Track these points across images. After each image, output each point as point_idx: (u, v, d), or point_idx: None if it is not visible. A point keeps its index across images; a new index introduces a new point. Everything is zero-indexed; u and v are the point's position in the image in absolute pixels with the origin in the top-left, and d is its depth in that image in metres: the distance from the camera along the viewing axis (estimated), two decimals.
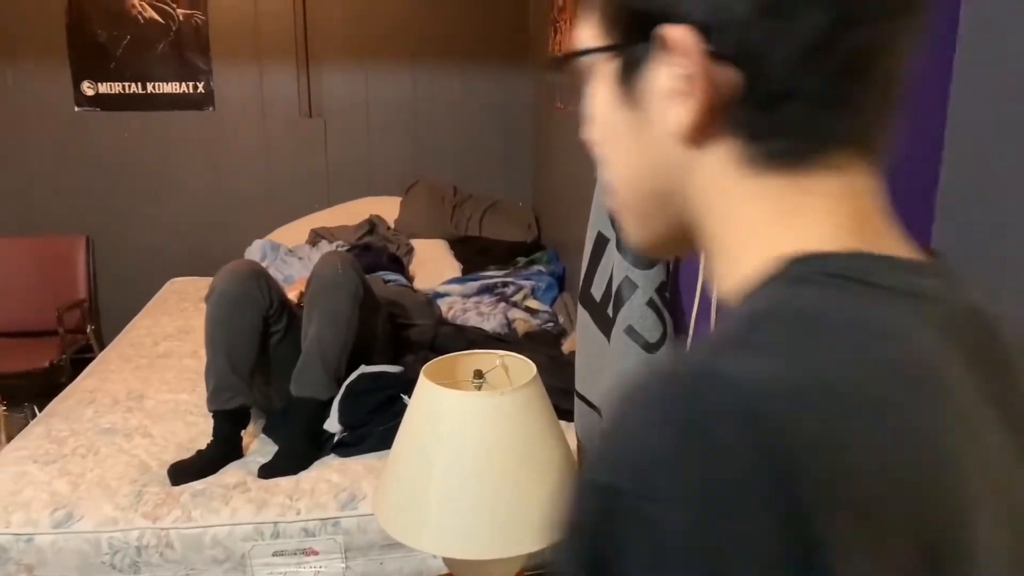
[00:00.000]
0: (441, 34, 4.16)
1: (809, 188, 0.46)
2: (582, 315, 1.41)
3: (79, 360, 3.56)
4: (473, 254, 3.79)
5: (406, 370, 2.40)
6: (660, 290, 1.26)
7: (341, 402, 2.24)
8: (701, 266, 1.30)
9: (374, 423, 2.22)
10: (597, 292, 1.36)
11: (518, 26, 4.19)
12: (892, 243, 0.47)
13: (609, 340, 1.32)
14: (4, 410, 2.93)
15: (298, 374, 2.19)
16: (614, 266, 1.30)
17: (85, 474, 2.08)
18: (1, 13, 3.86)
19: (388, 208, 4.13)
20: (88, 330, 3.91)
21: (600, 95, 0.52)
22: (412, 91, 4.24)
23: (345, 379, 2.24)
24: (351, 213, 4.05)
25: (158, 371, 2.74)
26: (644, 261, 1.25)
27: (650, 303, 1.24)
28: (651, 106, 0.48)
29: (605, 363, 1.33)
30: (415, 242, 3.88)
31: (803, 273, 0.44)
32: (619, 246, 1.28)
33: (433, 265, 3.61)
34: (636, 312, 1.25)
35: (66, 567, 1.92)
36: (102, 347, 3.37)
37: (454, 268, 3.68)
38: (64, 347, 3.66)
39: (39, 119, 3.99)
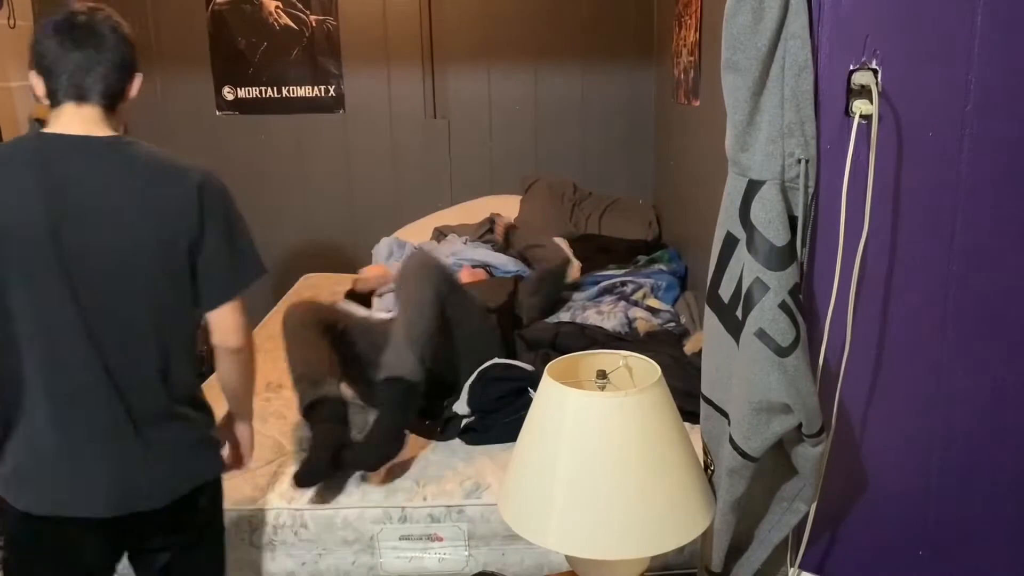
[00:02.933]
0: (563, 32, 4.17)
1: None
2: (709, 317, 1.39)
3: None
4: (592, 252, 3.77)
5: (536, 368, 2.42)
6: (793, 292, 1.22)
7: (471, 386, 2.31)
8: (838, 265, 1.26)
9: (501, 412, 2.26)
10: (725, 294, 1.33)
11: (642, 22, 4.15)
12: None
13: (738, 343, 1.29)
14: None
15: (385, 358, 2.21)
16: (744, 267, 1.27)
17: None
18: (151, 25, 4.11)
19: (508, 206, 4.16)
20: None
21: None
22: (533, 90, 4.26)
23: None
24: (473, 211, 4.11)
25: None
26: (777, 262, 1.22)
27: (782, 306, 1.21)
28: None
29: (734, 367, 1.30)
30: None
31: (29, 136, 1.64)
32: (750, 246, 1.25)
33: None
34: (767, 315, 1.21)
35: None
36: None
37: (573, 267, 3.68)
38: (206, 338, 3.86)
39: (184, 124, 4.24)
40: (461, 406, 2.31)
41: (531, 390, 2.29)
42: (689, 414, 1.45)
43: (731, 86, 1.26)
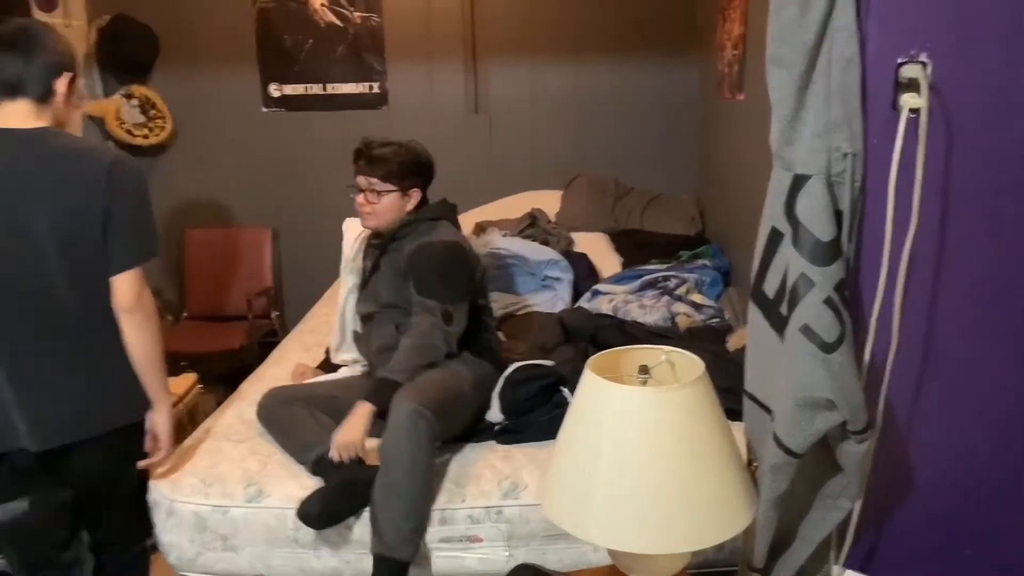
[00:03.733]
0: (605, 27, 4.16)
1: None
2: (754, 313, 1.38)
3: (265, 343, 3.83)
4: (634, 247, 3.76)
5: (557, 364, 2.43)
6: (839, 288, 1.21)
7: (501, 393, 2.31)
8: (884, 261, 1.24)
9: (535, 412, 2.26)
10: (770, 289, 1.32)
11: (685, 16, 4.12)
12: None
13: (782, 339, 1.28)
14: (200, 388, 3.20)
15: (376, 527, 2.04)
16: (789, 262, 1.26)
17: (273, 455, 2.23)
18: (199, 24, 4.19)
19: (549, 202, 4.17)
20: (273, 316, 4.20)
21: None
22: (575, 85, 4.26)
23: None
24: (513, 207, 4.13)
25: None
26: (822, 257, 1.21)
27: (828, 301, 1.20)
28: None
29: (778, 363, 1.30)
30: (576, 235, 3.90)
31: None
32: (795, 242, 1.24)
33: (593, 258, 3.62)
34: (812, 310, 1.20)
35: (256, 538, 2.08)
36: (286, 332, 3.60)
37: (615, 261, 3.68)
38: (252, 331, 3.95)
39: (232, 120, 4.32)
40: (494, 414, 2.32)
41: (563, 389, 2.30)
42: (730, 411, 1.44)
43: (776, 80, 1.26)
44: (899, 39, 1.20)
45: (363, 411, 2.09)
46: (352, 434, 2.06)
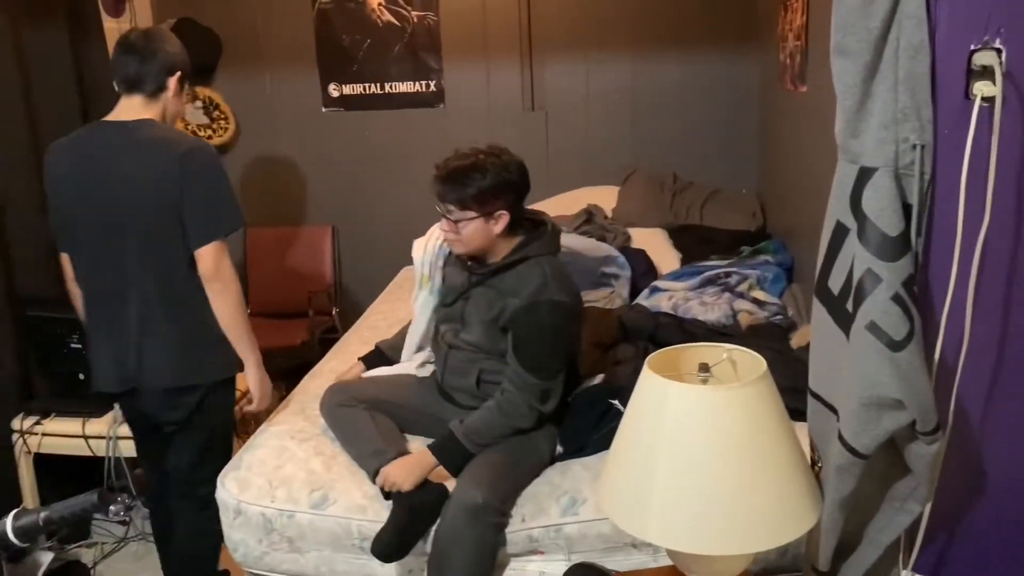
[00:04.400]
0: (662, 19, 4.11)
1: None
2: (818, 310, 1.35)
3: (325, 340, 3.88)
4: (693, 243, 3.71)
5: (608, 377, 2.40)
6: (907, 284, 1.17)
7: (563, 429, 2.24)
8: (955, 256, 1.20)
9: (591, 432, 2.23)
10: (835, 285, 1.29)
11: (744, 6, 4.04)
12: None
13: (848, 337, 1.24)
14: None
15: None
16: (855, 258, 1.22)
17: (337, 456, 2.25)
18: (261, 26, 4.26)
19: (606, 197, 4.14)
20: (333, 312, 4.26)
21: None
22: (632, 79, 4.22)
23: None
24: (569, 203, 4.10)
25: None
26: (890, 252, 1.17)
27: (895, 298, 1.16)
28: None
29: (843, 361, 1.26)
30: (633, 231, 3.86)
31: None
32: (861, 236, 1.20)
33: (651, 254, 3.58)
34: (879, 307, 1.17)
35: (321, 543, 2.10)
36: (345, 328, 3.64)
37: (673, 257, 3.63)
38: (313, 328, 4.01)
39: (292, 120, 4.39)
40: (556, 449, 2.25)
41: (615, 403, 2.22)
42: (794, 411, 1.41)
43: (841, 70, 1.22)
44: (971, 25, 1.15)
45: (424, 462, 2.04)
46: (404, 479, 2.01)
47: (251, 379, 2.36)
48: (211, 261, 2.17)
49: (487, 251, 2.15)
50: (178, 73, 2.24)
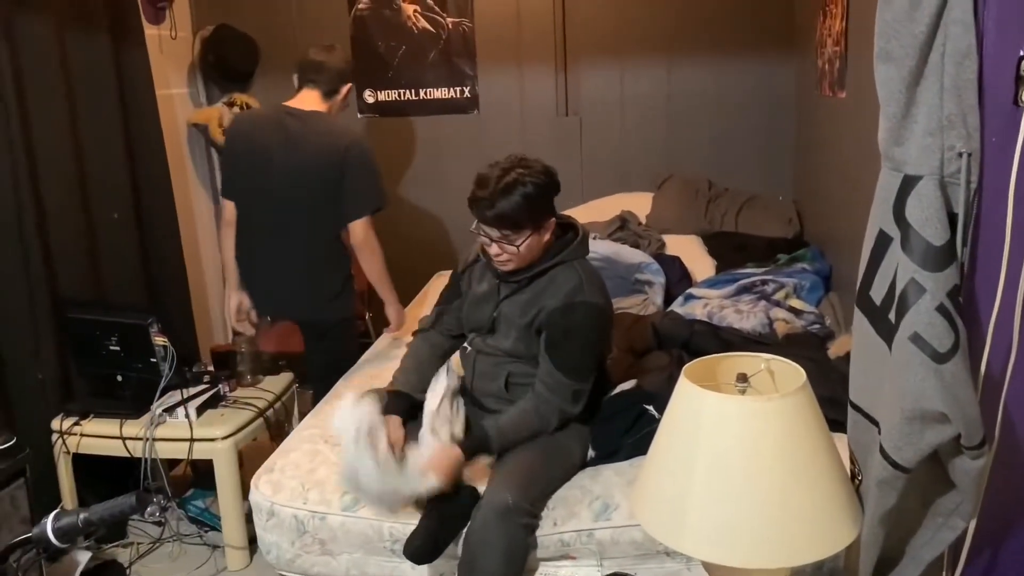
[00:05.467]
0: (698, 25, 4.08)
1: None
2: (859, 320, 1.32)
3: (358, 344, 3.89)
4: (728, 250, 3.68)
5: (641, 383, 2.38)
6: (952, 294, 1.14)
7: (595, 433, 2.23)
8: (1003, 266, 1.17)
9: (622, 436, 2.21)
10: (877, 295, 1.27)
11: (782, 11, 4.00)
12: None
13: (891, 348, 1.22)
14: (297, 387, 3.28)
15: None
16: (898, 267, 1.20)
17: None
18: (298, 32, 4.30)
19: (640, 203, 4.12)
20: (366, 317, 4.27)
21: None
22: (667, 85, 4.19)
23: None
24: (603, 209, 4.09)
25: None
26: (934, 262, 1.15)
27: (940, 309, 1.14)
28: None
29: (885, 373, 1.24)
30: (667, 238, 3.84)
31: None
32: (905, 246, 1.18)
33: (686, 261, 3.56)
34: (923, 318, 1.14)
35: (352, 546, 2.11)
36: (378, 333, 3.66)
37: (708, 264, 3.60)
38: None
39: None
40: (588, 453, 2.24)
41: (649, 408, 2.22)
42: (833, 422, 1.38)
43: (884, 77, 1.20)
44: (1020, 29, 1.13)
45: (452, 457, 2.03)
46: (441, 474, 1.99)
47: (391, 313, 3.12)
48: (361, 232, 2.81)
49: (530, 260, 2.15)
50: (349, 84, 2.92)
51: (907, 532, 1.34)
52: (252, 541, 2.84)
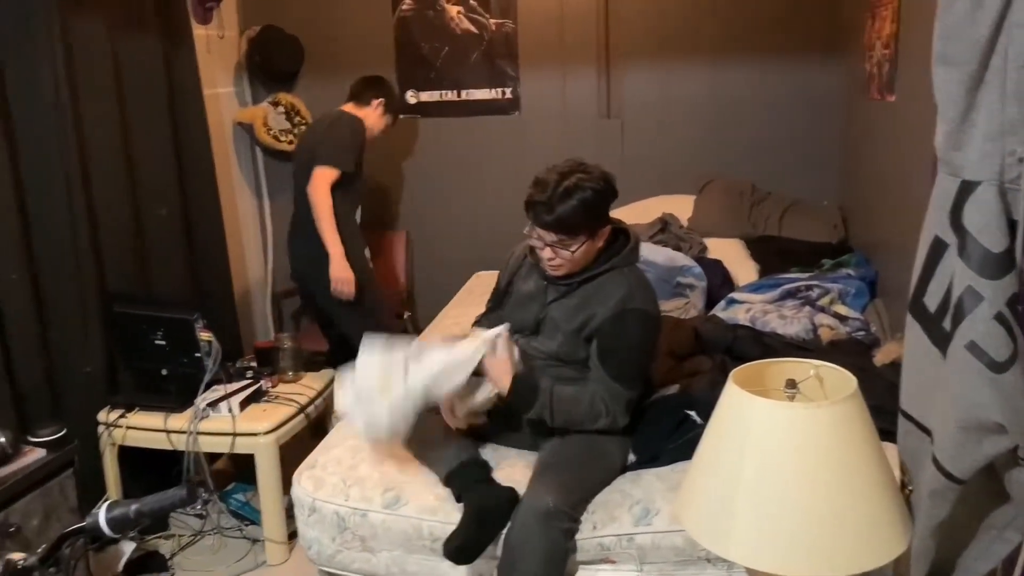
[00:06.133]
0: (743, 27, 4.04)
1: None
2: (911, 327, 1.30)
3: None
4: (772, 255, 3.64)
5: (683, 388, 2.36)
6: (1011, 303, 1.11)
7: (636, 438, 2.22)
8: None
9: (664, 442, 2.20)
10: (931, 303, 1.24)
11: (829, 14, 3.95)
12: None
13: (945, 356, 1.20)
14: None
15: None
16: (954, 274, 1.17)
17: (410, 458, 2.26)
18: (342, 33, 4.34)
19: (682, 206, 4.09)
20: (405, 316, 4.30)
21: None
22: (711, 87, 4.16)
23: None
24: (644, 211, 4.07)
25: None
26: (992, 270, 1.12)
27: (998, 317, 1.11)
28: None
29: (939, 382, 1.21)
30: (709, 241, 3.81)
31: None
32: (961, 252, 1.15)
33: (728, 265, 3.52)
34: (980, 326, 1.12)
35: (393, 543, 2.12)
36: (417, 332, 3.68)
37: (751, 269, 3.56)
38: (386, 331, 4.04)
39: None
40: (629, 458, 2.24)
41: (691, 414, 2.20)
42: (879, 430, 1.36)
43: (943, 80, 1.18)
44: None
45: (504, 380, 2.06)
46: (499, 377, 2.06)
47: (331, 268, 3.27)
48: (314, 180, 3.22)
49: (580, 276, 2.14)
50: (381, 99, 3.56)
51: (959, 545, 1.31)
52: (291, 536, 2.87)
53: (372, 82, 3.57)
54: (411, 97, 4.39)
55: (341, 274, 3.26)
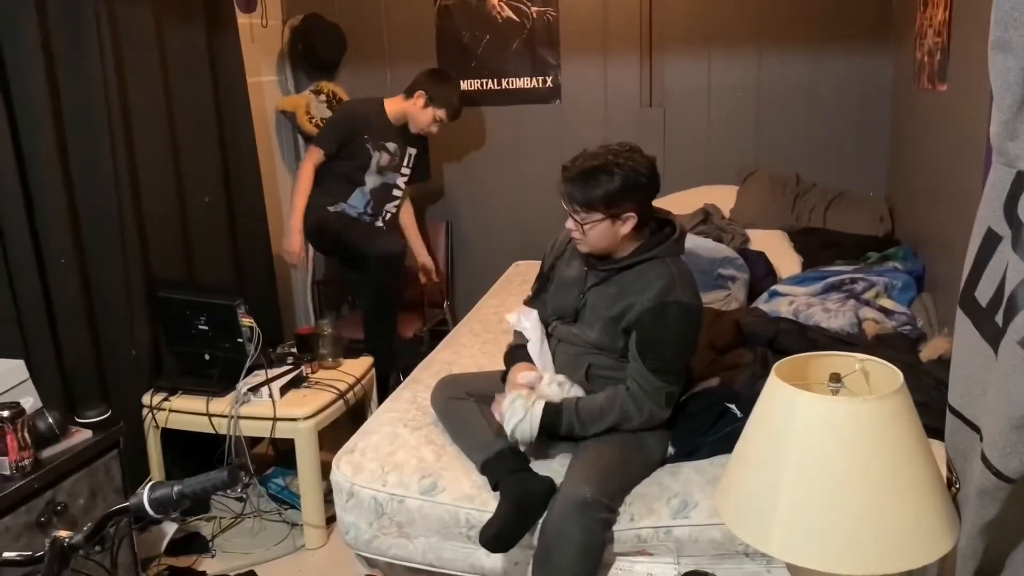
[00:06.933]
0: (791, 15, 3.96)
1: None
2: (962, 322, 1.26)
3: (436, 332, 3.94)
4: (816, 247, 3.58)
5: (724, 381, 2.33)
6: None
7: (676, 431, 2.20)
8: None
9: (703, 435, 2.18)
10: (983, 297, 1.21)
11: (878, 1, 3.86)
12: None
13: (996, 352, 1.16)
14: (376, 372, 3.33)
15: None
16: (1008, 268, 1.14)
17: (447, 446, 2.28)
18: (385, 22, 4.35)
19: (724, 197, 4.04)
20: (445, 305, 4.32)
21: None
22: (756, 76, 4.09)
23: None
24: (686, 201, 4.02)
25: (502, 347, 2.93)
26: None
27: None
28: None
29: (990, 378, 1.18)
30: (752, 233, 3.76)
31: None
32: (1016, 245, 1.12)
33: (771, 257, 3.47)
34: None
35: (429, 530, 2.13)
36: (456, 321, 3.69)
37: (794, 261, 3.51)
38: (425, 320, 4.07)
39: None
40: (668, 450, 2.22)
41: (732, 407, 2.18)
42: (925, 427, 1.33)
43: (1001, 67, 1.14)
44: None
45: (536, 409, 2.07)
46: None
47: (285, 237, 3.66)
48: (305, 156, 3.70)
49: (611, 250, 2.13)
50: (420, 92, 3.66)
51: (1008, 545, 1.28)
52: (330, 520, 2.90)
53: (422, 75, 3.72)
54: None
55: (286, 244, 3.64)
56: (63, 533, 1.19)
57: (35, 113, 2.58)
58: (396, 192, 3.80)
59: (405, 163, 3.78)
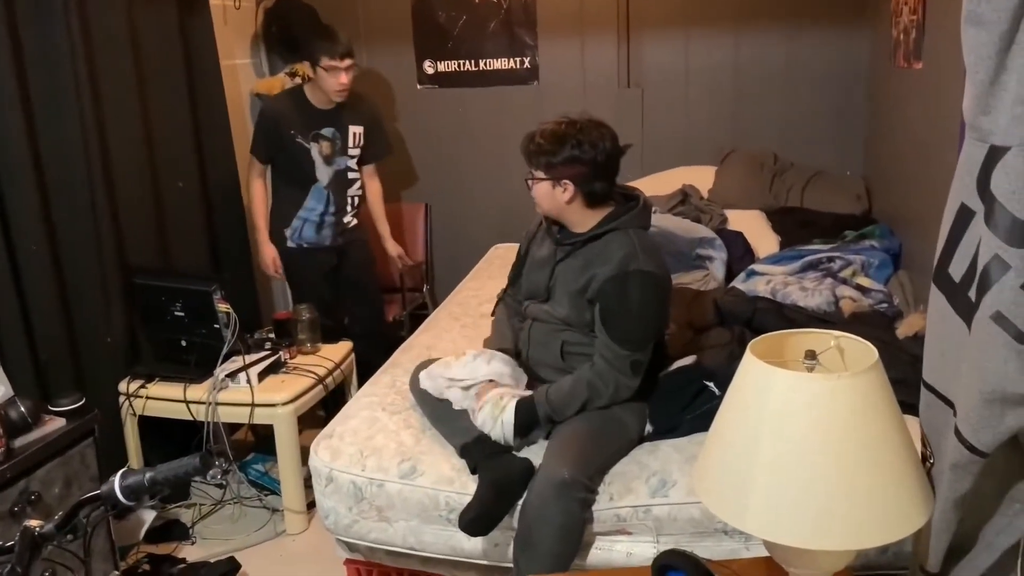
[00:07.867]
0: None
1: None
2: (936, 297, 1.27)
3: (416, 315, 3.92)
4: (794, 226, 3.59)
5: (701, 359, 2.33)
6: None
7: (653, 409, 2.20)
8: None
9: (684, 411, 2.18)
10: (956, 272, 1.21)
11: None
12: None
13: (970, 328, 1.17)
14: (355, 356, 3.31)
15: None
16: (980, 243, 1.14)
17: (426, 429, 2.27)
18: (359, 3, 4.30)
19: (702, 177, 4.04)
20: (424, 289, 4.30)
21: None
22: (734, 57, 4.09)
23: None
24: (664, 182, 4.03)
25: (481, 330, 2.93)
26: (1020, 238, 1.09)
27: None
28: None
29: (963, 353, 1.18)
30: (730, 213, 3.77)
31: None
32: (988, 220, 1.12)
33: (749, 237, 3.48)
34: (1007, 296, 1.09)
35: (409, 514, 2.12)
36: (435, 305, 3.68)
37: (772, 240, 3.52)
38: (404, 304, 4.05)
39: (388, 98, 4.42)
40: (646, 428, 2.22)
41: (710, 385, 2.18)
42: (901, 403, 1.33)
43: (973, 42, 1.13)
44: None
45: (507, 416, 2.08)
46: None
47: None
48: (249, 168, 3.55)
49: (563, 218, 2.16)
50: (305, 62, 3.62)
51: (981, 518, 1.29)
52: (310, 506, 2.89)
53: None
54: (428, 67, 4.36)
55: (259, 261, 3.59)
56: (34, 522, 1.18)
57: (2, 96, 2.53)
58: (352, 175, 3.54)
59: (352, 143, 3.49)
